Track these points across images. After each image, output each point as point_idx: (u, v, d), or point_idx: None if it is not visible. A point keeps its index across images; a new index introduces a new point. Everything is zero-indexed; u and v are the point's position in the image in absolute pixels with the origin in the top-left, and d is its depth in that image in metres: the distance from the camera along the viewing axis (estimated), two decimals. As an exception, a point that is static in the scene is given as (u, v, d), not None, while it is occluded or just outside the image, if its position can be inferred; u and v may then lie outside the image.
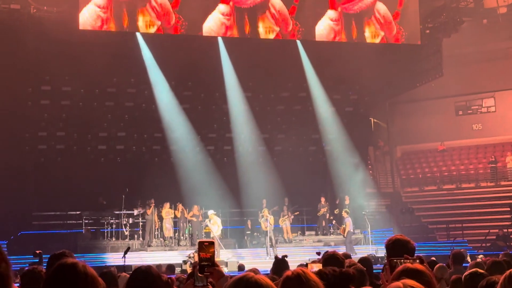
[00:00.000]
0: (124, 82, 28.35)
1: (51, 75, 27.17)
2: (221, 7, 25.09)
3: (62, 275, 3.05)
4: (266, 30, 25.75)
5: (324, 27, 26.36)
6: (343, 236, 25.90)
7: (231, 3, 25.21)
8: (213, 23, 25.00)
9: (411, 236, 5.32)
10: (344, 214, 26.32)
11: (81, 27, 23.61)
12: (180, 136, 28.94)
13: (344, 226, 25.76)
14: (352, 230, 25.75)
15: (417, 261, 4.16)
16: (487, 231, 29.34)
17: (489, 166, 33.92)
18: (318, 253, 12.91)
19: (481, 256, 19.45)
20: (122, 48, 25.46)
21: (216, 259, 3.73)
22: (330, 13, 26.35)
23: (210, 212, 24.92)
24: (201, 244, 3.58)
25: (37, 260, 12.51)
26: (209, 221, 24.82)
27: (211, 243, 3.60)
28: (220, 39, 26.65)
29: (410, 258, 4.24)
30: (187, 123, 29.08)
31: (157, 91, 27.71)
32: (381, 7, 27.08)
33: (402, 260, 4.13)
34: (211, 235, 24.38)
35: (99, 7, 23.64)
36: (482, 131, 35.82)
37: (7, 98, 26.25)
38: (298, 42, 27.38)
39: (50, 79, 27.44)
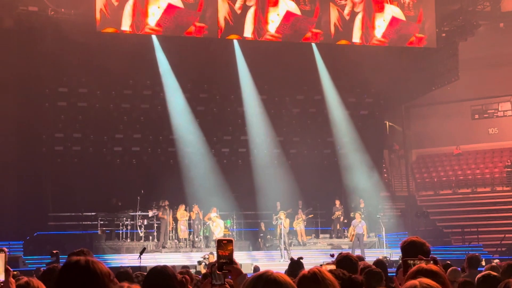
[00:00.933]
0: (140, 84, 28.52)
1: (68, 77, 27.41)
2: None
3: (68, 273, 3.08)
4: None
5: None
6: (350, 240, 25.77)
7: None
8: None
9: (426, 240, 5.35)
10: (357, 217, 26.24)
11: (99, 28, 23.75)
12: (196, 138, 29.05)
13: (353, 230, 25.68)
14: (361, 232, 25.49)
15: (431, 262, 4.19)
16: (502, 235, 29.21)
17: (505, 170, 33.75)
18: (332, 255, 12.93)
19: (496, 260, 19.36)
20: (138, 50, 25.58)
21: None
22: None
23: (213, 215, 24.98)
24: (219, 242, 3.64)
25: (54, 260, 12.65)
26: (212, 223, 24.85)
27: (230, 241, 3.65)
28: (235, 42, 26.73)
29: (424, 258, 4.28)
30: (202, 125, 29.21)
31: (172, 94, 27.82)
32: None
33: (416, 261, 4.16)
34: (213, 237, 24.44)
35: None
36: (498, 135, 35.65)
37: (25, 100, 26.50)
38: (314, 45, 27.39)
39: (67, 81, 27.68)
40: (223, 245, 3.63)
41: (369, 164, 30.30)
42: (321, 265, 6.70)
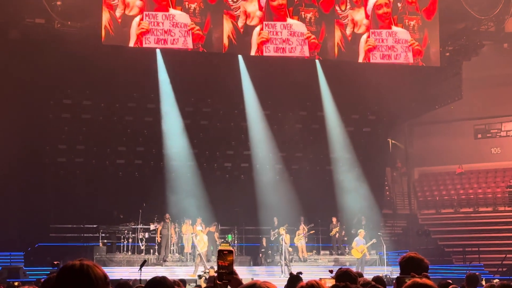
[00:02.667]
0: (144, 97, 28.63)
1: (73, 89, 27.55)
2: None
3: (63, 277, 3.13)
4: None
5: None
6: (358, 257, 25.84)
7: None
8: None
9: (427, 258, 5.38)
10: (361, 234, 26.28)
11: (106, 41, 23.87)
12: (198, 153, 29.14)
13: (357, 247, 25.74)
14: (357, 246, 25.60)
15: (424, 279, 4.24)
16: (503, 255, 29.14)
17: (507, 191, 33.72)
18: (331, 271, 12.94)
19: (496, 280, 19.32)
20: (143, 64, 25.73)
21: (191, 275, 3.84)
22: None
23: (198, 228, 24.88)
24: (220, 252, 3.69)
25: (55, 271, 12.67)
26: (196, 236, 24.75)
27: (230, 252, 3.70)
28: (240, 57, 26.87)
29: (416, 276, 4.32)
30: (205, 139, 29.30)
31: (176, 107, 27.91)
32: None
33: (409, 279, 4.21)
34: (197, 252, 24.38)
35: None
36: (501, 155, 35.65)
37: (29, 111, 26.62)
38: (317, 61, 27.50)
39: (72, 93, 27.81)
40: (223, 255, 3.69)
41: (371, 182, 30.31)
42: (320, 279, 6.74)
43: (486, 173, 36.02)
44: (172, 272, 23.52)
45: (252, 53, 25.25)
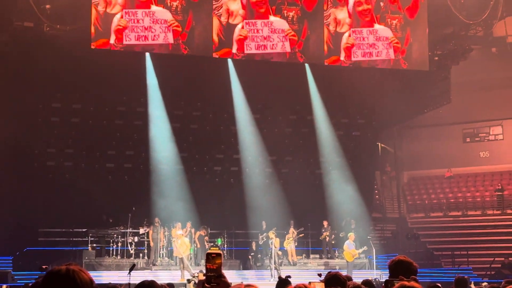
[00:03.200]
0: (133, 101, 28.59)
1: (62, 93, 27.49)
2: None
3: (49, 282, 3.13)
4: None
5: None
6: (349, 260, 25.90)
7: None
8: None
9: (416, 262, 5.39)
10: (351, 237, 26.34)
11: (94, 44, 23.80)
12: (188, 156, 29.13)
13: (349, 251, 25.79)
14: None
15: (412, 282, 4.26)
16: (492, 259, 29.26)
17: (496, 194, 33.88)
18: (320, 275, 13.00)
19: (485, 283, 19.45)
20: (132, 67, 25.69)
21: (180, 279, 3.84)
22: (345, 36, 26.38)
23: (179, 232, 24.81)
24: (208, 255, 3.68)
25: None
26: (177, 241, 24.68)
27: (218, 255, 3.69)
28: (229, 61, 26.87)
29: (405, 279, 4.34)
30: (195, 143, 29.28)
31: (166, 111, 27.88)
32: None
33: (397, 282, 4.24)
34: (179, 256, 24.32)
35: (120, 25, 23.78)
36: (489, 159, 35.84)
37: (18, 114, 26.50)
38: (306, 65, 27.54)
39: (61, 97, 27.74)
40: (212, 258, 3.68)
41: (361, 185, 30.38)
42: (309, 282, 6.75)
43: (474, 177, 36.19)
44: (159, 276, 23.43)
45: (234, 50, 25.17)
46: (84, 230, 26.44)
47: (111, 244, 26.19)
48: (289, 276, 9.31)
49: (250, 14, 25.20)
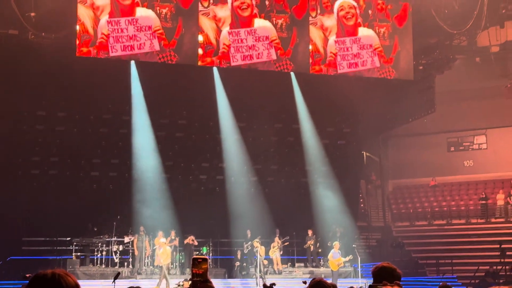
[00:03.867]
0: (119, 109, 28.50)
1: (47, 101, 27.35)
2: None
3: (35, 286, 3.13)
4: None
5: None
6: (334, 269, 25.91)
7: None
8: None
9: (401, 270, 5.41)
10: (336, 246, 26.36)
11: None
12: (173, 165, 29.07)
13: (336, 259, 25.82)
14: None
15: (395, 286, 4.28)
16: (476, 267, 29.38)
17: (480, 203, 34.06)
18: (304, 282, 13.00)
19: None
20: (118, 75, 25.63)
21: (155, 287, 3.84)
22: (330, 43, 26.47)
23: (162, 240, 24.77)
24: (194, 260, 3.70)
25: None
26: (159, 249, 24.65)
27: (204, 260, 3.71)
28: (215, 69, 26.87)
29: (388, 284, 4.36)
30: (181, 151, 29.23)
31: (151, 119, 27.82)
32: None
33: (381, 286, 4.25)
34: (159, 265, 24.28)
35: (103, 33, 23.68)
36: (474, 168, 36.07)
37: (2, 122, 26.36)
38: (292, 74, 27.60)
39: (46, 104, 27.60)
40: (198, 263, 3.69)
41: (346, 194, 30.44)
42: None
43: (459, 186, 36.38)
44: (144, 285, 23.30)
45: (218, 62, 25.16)
46: (68, 239, 26.27)
47: (96, 253, 26.05)
48: (274, 284, 9.31)
49: (235, 20, 25.21)
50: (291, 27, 25.76)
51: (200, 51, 24.66)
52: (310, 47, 25.95)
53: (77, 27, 23.20)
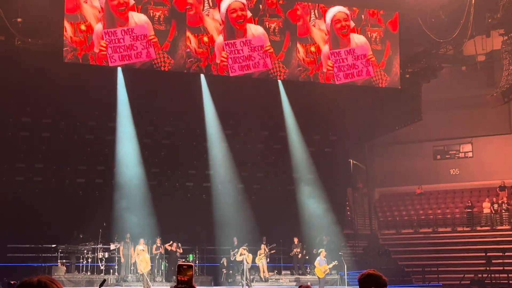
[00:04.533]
0: (104, 115, 28.39)
1: (32, 107, 27.21)
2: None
3: None
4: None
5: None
6: (320, 276, 25.91)
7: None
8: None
9: (387, 278, 5.40)
10: (322, 254, 26.37)
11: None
12: (160, 172, 28.98)
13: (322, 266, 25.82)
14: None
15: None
16: (462, 275, 29.47)
17: (466, 211, 34.18)
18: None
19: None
20: (104, 82, 25.55)
21: None
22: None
23: (140, 248, 24.69)
24: (179, 267, 3.67)
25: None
26: (138, 257, 24.54)
27: (190, 266, 3.68)
28: (202, 76, 26.84)
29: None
30: (167, 159, 29.14)
31: (137, 126, 27.73)
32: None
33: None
34: (140, 272, 24.22)
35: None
36: (459, 176, 36.21)
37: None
38: (279, 81, 27.63)
39: (31, 111, 27.45)
40: (183, 270, 3.66)
41: (332, 202, 30.46)
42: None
43: (445, 194, 36.51)
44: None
45: (217, 72, 25.31)
46: (53, 246, 26.10)
47: (81, 260, 25.90)
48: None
49: (229, 28, 25.32)
50: (284, 31, 26.01)
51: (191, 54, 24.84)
52: (302, 50, 26.08)
53: (67, 33, 23.19)
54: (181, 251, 26.45)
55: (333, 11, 26.66)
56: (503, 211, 33.27)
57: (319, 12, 26.49)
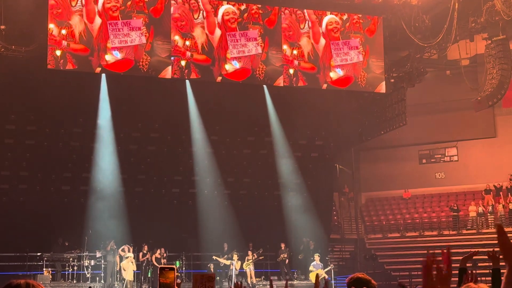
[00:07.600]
0: (90, 122, 28.22)
1: (16, 114, 27.03)
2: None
3: None
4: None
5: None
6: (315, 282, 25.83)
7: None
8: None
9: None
10: (316, 258, 26.38)
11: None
12: (146, 178, 28.87)
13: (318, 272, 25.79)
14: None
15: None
16: (448, 278, 29.50)
17: (451, 215, 34.30)
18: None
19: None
20: (88, 88, 25.45)
21: None
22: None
23: (121, 254, 24.66)
24: (161, 269, 3.63)
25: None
26: (128, 263, 24.51)
27: (171, 269, 3.65)
28: (187, 82, 26.80)
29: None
30: (153, 165, 29.03)
31: (123, 133, 27.64)
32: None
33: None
34: (125, 280, 24.17)
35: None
36: (445, 180, 36.33)
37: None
38: (265, 86, 27.66)
39: (15, 118, 27.28)
40: (165, 273, 3.63)
41: (319, 206, 30.47)
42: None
43: (431, 198, 36.62)
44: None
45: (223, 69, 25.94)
46: (39, 254, 25.90)
47: (67, 268, 25.73)
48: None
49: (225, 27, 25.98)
50: (264, 36, 26.52)
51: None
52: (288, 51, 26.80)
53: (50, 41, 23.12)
54: (165, 260, 26.23)
55: (327, 18, 27.55)
56: (488, 214, 33.41)
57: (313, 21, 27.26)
